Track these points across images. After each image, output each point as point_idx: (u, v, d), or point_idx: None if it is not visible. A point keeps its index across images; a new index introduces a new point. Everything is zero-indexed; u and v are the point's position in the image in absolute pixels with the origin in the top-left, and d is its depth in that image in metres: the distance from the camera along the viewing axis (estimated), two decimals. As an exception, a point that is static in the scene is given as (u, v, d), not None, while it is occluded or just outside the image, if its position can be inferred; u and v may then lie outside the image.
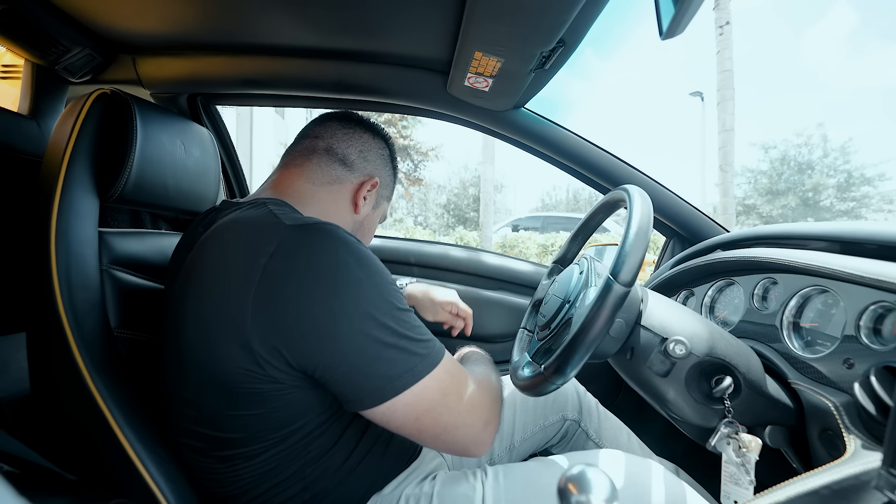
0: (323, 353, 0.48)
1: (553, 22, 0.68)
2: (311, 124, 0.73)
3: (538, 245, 6.88)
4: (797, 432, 0.60)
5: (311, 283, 0.48)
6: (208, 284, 0.52)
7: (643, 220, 0.57)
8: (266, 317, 0.48)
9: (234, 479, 0.57)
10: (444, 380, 0.53)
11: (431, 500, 0.61)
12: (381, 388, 0.49)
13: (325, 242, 0.50)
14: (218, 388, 0.52)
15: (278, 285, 0.48)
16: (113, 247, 0.73)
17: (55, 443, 0.66)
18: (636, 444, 0.89)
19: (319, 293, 0.48)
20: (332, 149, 0.69)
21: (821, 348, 0.60)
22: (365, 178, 0.71)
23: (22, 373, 0.69)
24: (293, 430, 0.55)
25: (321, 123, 0.72)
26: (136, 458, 0.59)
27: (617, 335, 0.61)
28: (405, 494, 0.62)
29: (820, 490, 0.44)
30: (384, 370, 0.49)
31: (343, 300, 0.48)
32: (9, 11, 0.78)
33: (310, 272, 0.48)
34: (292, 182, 0.67)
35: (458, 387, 0.55)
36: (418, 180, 12.86)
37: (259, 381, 0.50)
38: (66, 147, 0.67)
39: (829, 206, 12.63)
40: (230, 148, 1.29)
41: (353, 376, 0.49)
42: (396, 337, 0.50)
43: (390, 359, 0.49)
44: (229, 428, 0.54)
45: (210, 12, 0.82)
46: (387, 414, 0.51)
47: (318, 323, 0.48)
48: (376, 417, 0.51)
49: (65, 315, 0.62)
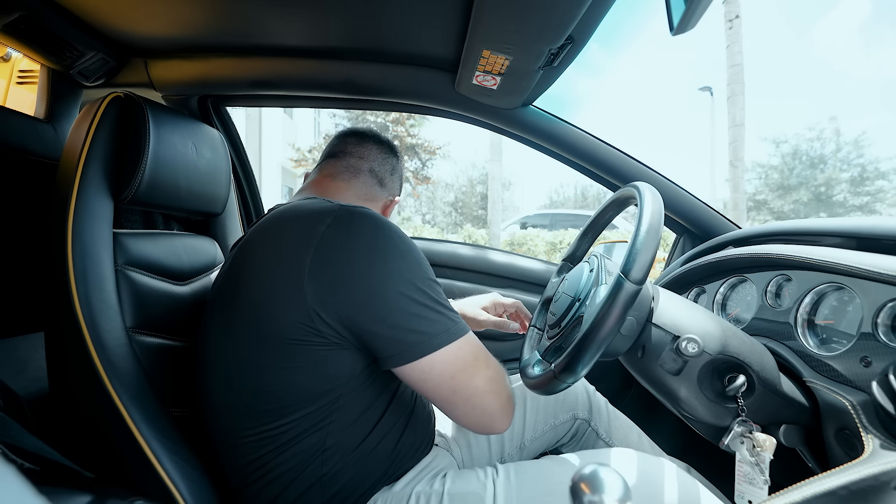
0: (371, 310, 0.54)
1: (562, 19, 0.67)
2: (353, 142, 0.81)
3: (547, 243, 6.85)
4: (812, 431, 0.60)
5: (363, 250, 0.56)
6: (272, 250, 0.59)
7: (654, 217, 0.56)
8: (322, 276, 0.54)
9: (258, 448, 0.58)
10: (475, 346, 0.60)
11: (442, 497, 0.61)
12: (422, 342, 0.55)
13: (375, 222, 0.58)
14: (267, 340, 0.57)
15: (333, 250, 0.55)
16: (127, 248, 0.74)
17: (73, 440, 0.67)
18: (647, 443, 0.89)
19: (368, 260, 0.55)
20: (373, 171, 0.80)
21: (837, 346, 0.59)
22: (393, 196, 0.83)
23: (41, 371, 0.71)
24: (324, 391, 0.58)
25: (362, 144, 0.81)
26: (153, 456, 0.60)
27: (628, 333, 0.60)
28: (416, 492, 0.62)
29: (837, 490, 0.43)
30: (425, 327, 0.55)
31: (389, 267, 0.56)
32: (25, 18, 0.80)
33: (361, 242, 0.56)
34: (339, 192, 0.76)
35: (486, 356, 0.61)
36: (426, 178, 12.88)
37: (307, 334, 0.55)
38: (81, 150, 0.68)
39: (843, 202, 12.41)
40: (240, 149, 1.30)
41: (397, 331, 0.55)
42: (434, 302, 0.57)
43: (430, 318, 0.56)
44: (267, 382, 0.58)
45: (220, 15, 0.83)
46: (425, 370, 0.56)
47: (368, 283, 0.54)
48: (414, 374, 0.56)
49: (81, 314, 0.63)
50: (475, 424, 0.61)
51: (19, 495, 0.18)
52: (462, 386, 0.58)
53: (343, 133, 0.84)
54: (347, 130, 0.84)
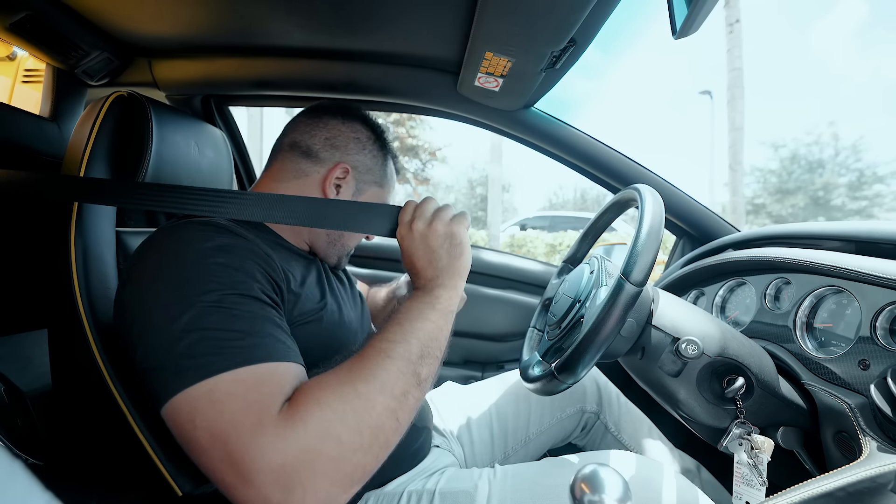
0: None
1: (564, 21, 0.68)
2: (284, 126, 0.71)
3: (546, 244, 6.85)
4: (810, 434, 0.60)
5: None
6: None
7: (655, 219, 0.57)
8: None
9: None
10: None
11: (434, 496, 0.60)
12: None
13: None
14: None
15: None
16: (130, 246, 0.75)
17: (76, 436, 0.68)
18: (657, 437, 0.86)
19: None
20: (295, 143, 0.66)
21: (835, 349, 0.60)
22: (333, 164, 0.66)
23: (44, 368, 0.71)
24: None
25: (291, 122, 0.70)
26: (153, 452, 0.60)
27: (628, 335, 0.61)
28: (408, 490, 0.62)
29: (835, 492, 0.44)
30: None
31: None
32: (31, 17, 0.80)
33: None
34: (261, 184, 0.67)
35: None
36: (426, 180, 12.87)
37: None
38: (85, 148, 0.68)
39: (841, 206, 12.43)
40: (242, 148, 1.31)
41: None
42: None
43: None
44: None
45: (224, 15, 0.84)
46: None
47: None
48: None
49: (84, 312, 0.64)
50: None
51: (27, 491, 0.18)
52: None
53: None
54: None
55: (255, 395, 0.39)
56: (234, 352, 0.41)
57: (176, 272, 0.46)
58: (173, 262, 0.47)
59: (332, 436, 0.39)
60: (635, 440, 0.84)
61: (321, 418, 0.39)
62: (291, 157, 0.66)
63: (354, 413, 0.40)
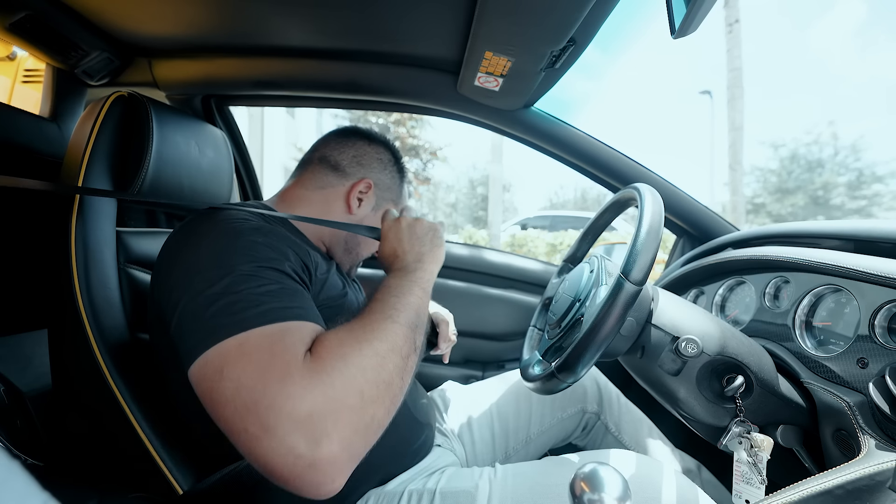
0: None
1: (563, 21, 0.68)
2: (315, 143, 0.78)
3: (547, 244, 6.85)
4: (810, 432, 0.60)
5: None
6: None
7: (654, 218, 0.57)
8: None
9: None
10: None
11: (434, 495, 0.60)
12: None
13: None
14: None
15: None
16: (130, 246, 0.75)
17: (76, 436, 0.68)
18: (658, 437, 0.87)
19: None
20: (324, 157, 0.74)
21: (834, 347, 0.60)
22: (356, 180, 0.73)
23: (44, 368, 0.71)
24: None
25: (322, 140, 0.78)
26: (154, 451, 0.60)
27: (628, 334, 0.61)
28: (409, 490, 0.62)
29: (834, 490, 0.44)
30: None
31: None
32: (31, 17, 0.80)
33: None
34: (289, 190, 0.73)
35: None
36: (427, 179, 12.87)
37: None
38: (85, 148, 0.68)
39: (840, 205, 12.43)
40: (243, 148, 1.31)
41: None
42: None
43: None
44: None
45: (224, 15, 0.84)
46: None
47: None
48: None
49: (84, 312, 0.64)
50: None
51: (24, 490, 0.18)
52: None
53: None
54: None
55: (281, 346, 0.41)
56: (266, 310, 0.44)
57: (217, 245, 0.50)
58: (214, 237, 0.51)
59: (356, 387, 0.41)
60: (636, 440, 0.85)
61: (345, 370, 0.41)
62: (321, 170, 0.73)
63: (372, 369, 0.43)
